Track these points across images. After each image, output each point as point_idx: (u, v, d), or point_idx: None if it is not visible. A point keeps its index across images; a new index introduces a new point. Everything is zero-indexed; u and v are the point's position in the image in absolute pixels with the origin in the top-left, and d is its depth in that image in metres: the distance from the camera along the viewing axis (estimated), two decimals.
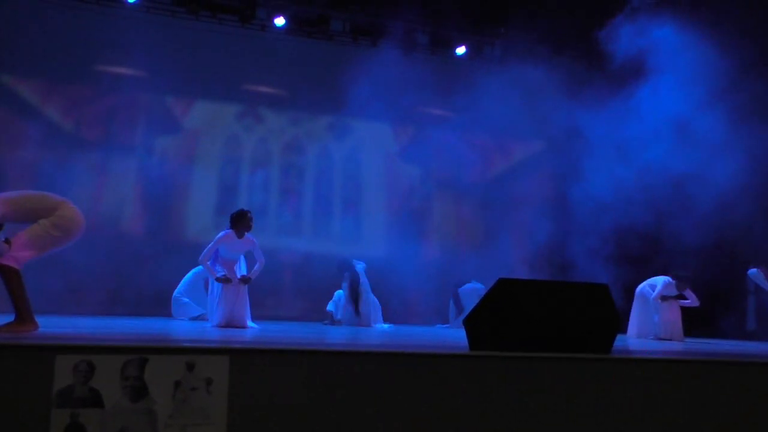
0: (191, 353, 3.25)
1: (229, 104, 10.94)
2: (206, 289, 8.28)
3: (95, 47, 10.05)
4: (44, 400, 2.99)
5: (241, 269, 7.54)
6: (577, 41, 10.11)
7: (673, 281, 8.96)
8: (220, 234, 7.40)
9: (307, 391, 3.36)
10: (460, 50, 11.42)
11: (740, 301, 9.53)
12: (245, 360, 3.32)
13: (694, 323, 9.34)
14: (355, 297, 9.03)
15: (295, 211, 10.96)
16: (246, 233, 7.43)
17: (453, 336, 6.90)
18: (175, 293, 9.06)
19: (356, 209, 11.24)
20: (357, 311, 9.01)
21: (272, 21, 10.65)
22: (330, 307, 9.28)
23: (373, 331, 8.17)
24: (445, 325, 9.77)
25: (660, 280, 9.10)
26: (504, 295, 4.37)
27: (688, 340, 8.73)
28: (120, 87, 10.28)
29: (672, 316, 8.89)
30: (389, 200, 11.43)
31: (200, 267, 8.70)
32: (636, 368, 4.05)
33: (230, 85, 10.77)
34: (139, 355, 3.15)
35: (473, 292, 9.58)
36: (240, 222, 7.41)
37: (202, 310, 8.71)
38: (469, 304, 8.96)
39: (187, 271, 9.55)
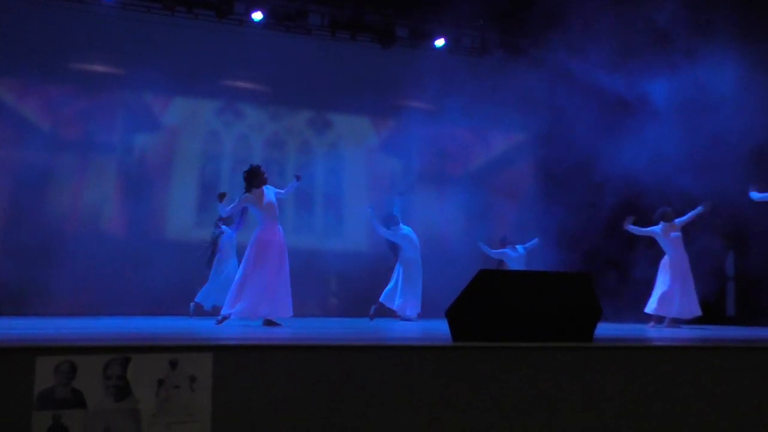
0: (174, 351, 3.23)
1: (209, 100, 10.87)
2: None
3: (70, 45, 9.94)
4: (25, 402, 2.96)
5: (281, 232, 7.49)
6: (556, 32, 10.13)
7: (663, 224, 8.91)
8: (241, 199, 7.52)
9: (291, 387, 3.37)
10: (439, 43, 11.42)
11: (720, 287, 9.61)
12: (229, 357, 3.31)
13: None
14: None
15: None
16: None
17: (438, 328, 6.92)
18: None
19: (338, 203, 11.23)
20: None
21: (250, 16, 10.58)
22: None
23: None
24: None
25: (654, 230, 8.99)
26: (486, 286, 4.39)
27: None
28: (97, 85, 10.19)
29: (688, 287, 8.76)
30: (371, 194, 11.42)
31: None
32: (618, 356, 4.08)
33: (209, 81, 10.68)
34: (121, 354, 3.13)
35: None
36: (256, 179, 7.56)
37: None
38: None
39: (171, 268, 9.55)
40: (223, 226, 9.27)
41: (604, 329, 6.49)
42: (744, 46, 8.58)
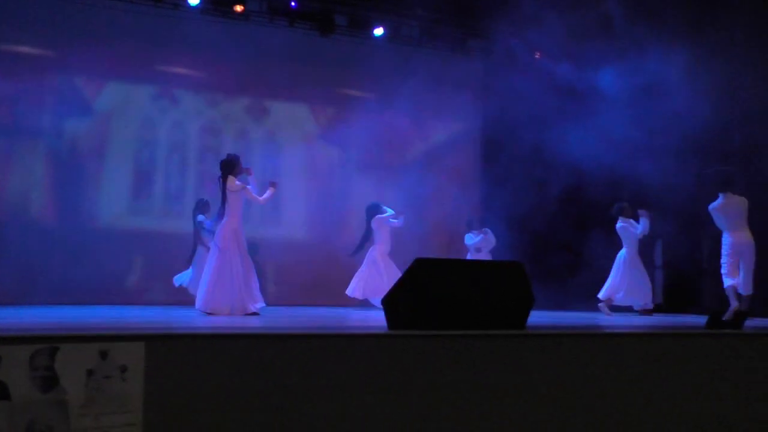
0: (104, 340, 3.17)
1: (143, 85, 10.61)
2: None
3: None
4: None
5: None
6: (497, 20, 10.23)
7: (623, 219, 9.30)
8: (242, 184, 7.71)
9: (225, 376, 3.34)
10: (378, 31, 11.41)
11: (649, 275, 9.87)
12: (161, 346, 3.27)
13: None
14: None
15: (212, 194, 10.74)
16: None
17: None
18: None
19: (276, 191, 11.13)
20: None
21: (186, 0, 10.37)
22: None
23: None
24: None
25: (618, 229, 9.35)
26: (421, 275, 4.43)
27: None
28: (26, 68, 9.83)
29: (643, 278, 9.29)
30: (309, 182, 11.37)
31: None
32: (549, 343, 4.17)
33: (144, 66, 10.44)
34: (48, 344, 3.05)
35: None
36: (236, 167, 7.80)
37: None
38: None
39: (104, 257, 9.38)
40: (203, 217, 9.30)
41: (551, 317, 6.66)
42: (690, 34, 8.81)
